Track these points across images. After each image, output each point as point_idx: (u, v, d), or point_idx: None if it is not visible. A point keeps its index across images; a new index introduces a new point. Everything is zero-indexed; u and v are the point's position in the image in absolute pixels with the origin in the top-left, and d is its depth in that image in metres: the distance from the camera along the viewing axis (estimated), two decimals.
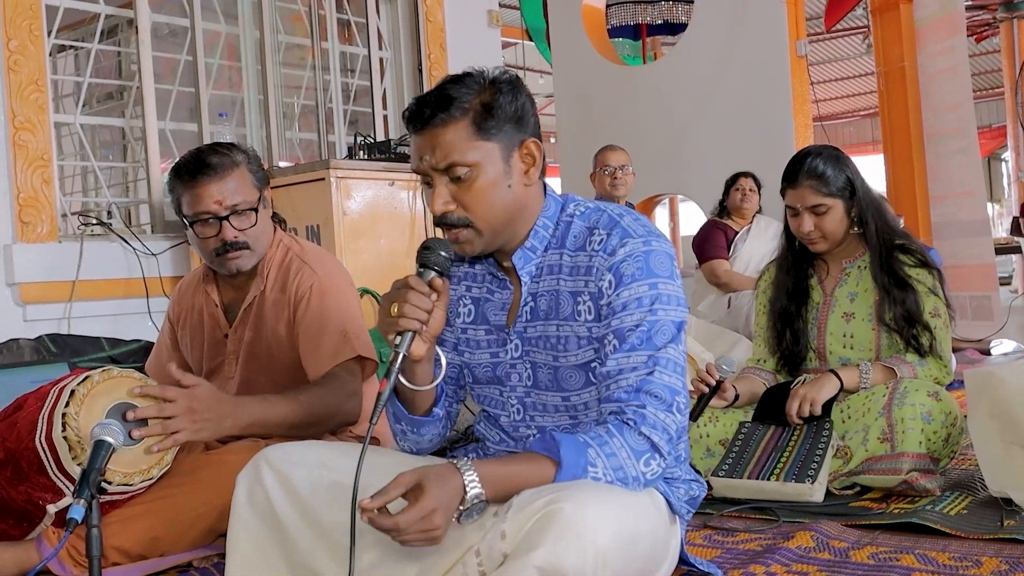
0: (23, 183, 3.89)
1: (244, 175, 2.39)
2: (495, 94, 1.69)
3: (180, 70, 4.78)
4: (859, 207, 2.69)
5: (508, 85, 1.72)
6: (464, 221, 1.70)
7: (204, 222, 2.37)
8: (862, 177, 2.74)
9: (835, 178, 2.67)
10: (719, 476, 2.53)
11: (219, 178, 2.35)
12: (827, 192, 2.67)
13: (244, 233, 2.38)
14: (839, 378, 2.60)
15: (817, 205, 2.68)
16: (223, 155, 2.37)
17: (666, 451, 1.64)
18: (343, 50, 5.55)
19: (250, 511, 1.75)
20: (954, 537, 2.08)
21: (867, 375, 2.61)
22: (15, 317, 3.85)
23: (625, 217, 1.75)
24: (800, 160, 2.72)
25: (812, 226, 2.70)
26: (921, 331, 2.63)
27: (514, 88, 1.72)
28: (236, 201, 2.36)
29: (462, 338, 1.88)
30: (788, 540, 2.09)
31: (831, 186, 2.67)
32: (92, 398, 2.00)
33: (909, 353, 2.63)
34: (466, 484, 1.48)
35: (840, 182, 2.68)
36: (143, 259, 4.11)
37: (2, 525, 2.09)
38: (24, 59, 3.91)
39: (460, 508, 1.48)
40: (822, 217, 2.69)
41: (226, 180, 2.36)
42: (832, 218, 2.69)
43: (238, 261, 2.41)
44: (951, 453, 2.53)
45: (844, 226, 2.72)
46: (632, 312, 1.67)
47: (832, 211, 2.69)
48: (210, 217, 2.35)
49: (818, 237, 2.72)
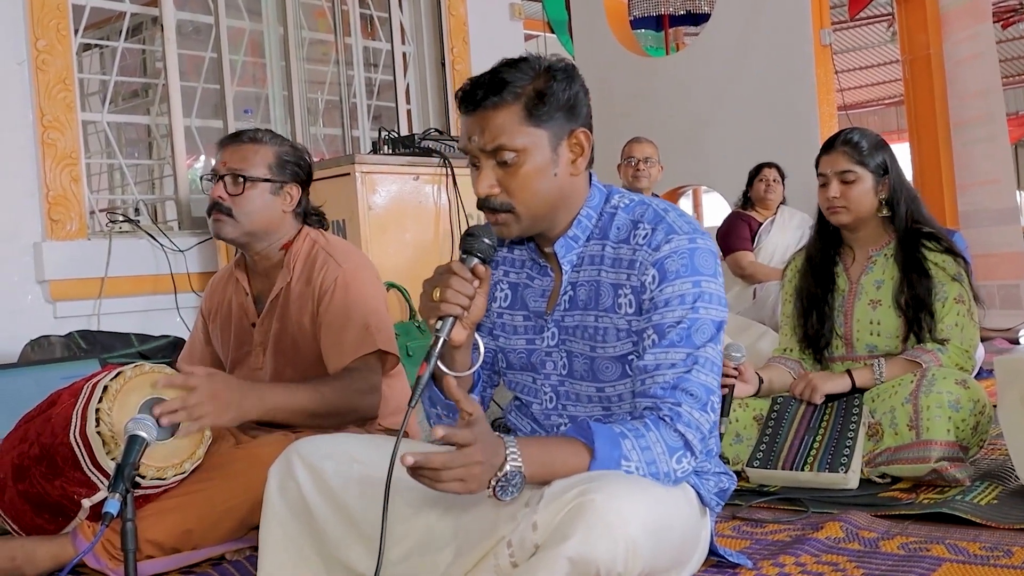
0: (52, 181, 3.93)
1: (261, 152, 2.47)
2: (549, 81, 1.69)
3: (205, 67, 4.81)
4: (890, 189, 2.69)
5: (563, 73, 1.71)
6: (506, 206, 1.70)
7: (209, 178, 2.51)
8: (900, 166, 2.75)
9: (870, 152, 2.69)
10: (754, 466, 2.55)
11: (238, 144, 2.49)
12: (858, 160, 2.69)
13: (232, 200, 2.44)
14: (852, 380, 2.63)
15: (847, 171, 2.70)
16: (255, 132, 2.52)
17: (699, 449, 1.65)
18: (366, 45, 5.56)
19: (282, 504, 1.76)
20: (985, 527, 2.07)
21: (880, 372, 2.61)
22: (45, 314, 3.89)
23: (671, 212, 1.75)
24: (841, 132, 2.77)
25: (838, 192, 2.71)
26: (926, 317, 2.63)
27: (569, 77, 1.72)
28: (236, 166, 2.45)
29: (497, 323, 1.89)
30: (817, 531, 2.08)
31: (864, 157, 2.69)
32: (125, 394, 2.03)
33: (930, 343, 2.62)
34: (508, 455, 1.49)
35: (875, 158, 2.69)
36: (171, 255, 4.14)
37: (38, 520, 2.12)
38: (52, 58, 3.95)
39: (498, 475, 1.48)
40: (849, 186, 2.70)
41: (241, 149, 2.47)
42: (859, 189, 2.70)
43: (218, 225, 2.48)
44: (980, 442, 2.52)
45: (870, 202, 2.71)
46: (674, 309, 1.67)
47: (860, 182, 2.69)
48: (213, 176, 2.49)
49: (841, 206, 2.72)
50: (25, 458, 2.10)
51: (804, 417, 2.61)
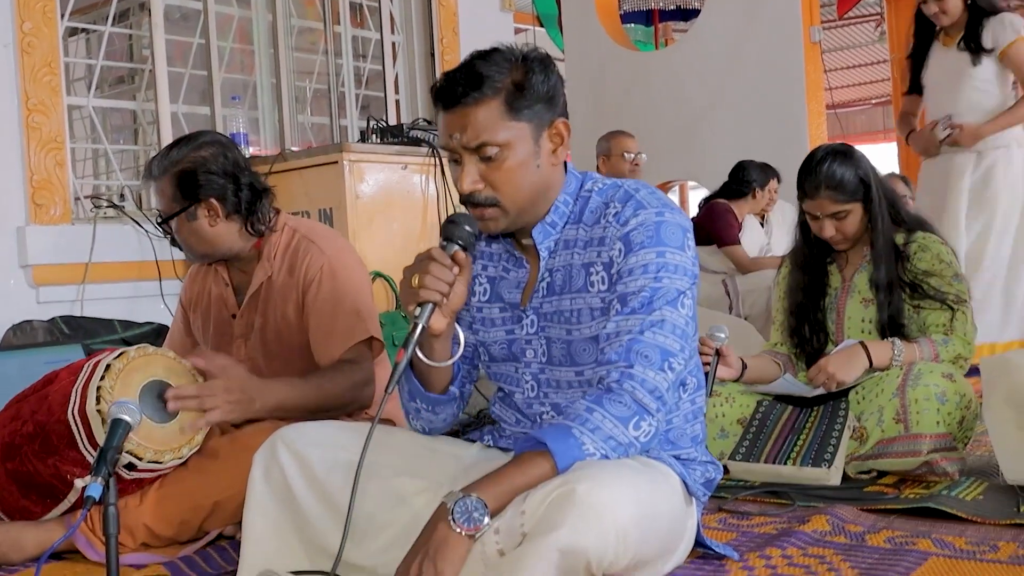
0: (36, 165, 3.88)
1: (164, 188, 2.42)
2: (527, 73, 1.68)
3: (192, 53, 4.77)
4: (871, 208, 2.68)
5: (539, 64, 1.70)
6: (492, 200, 1.69)
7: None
8: (873, 170, 2.73)
9: (851, 182, 2.67)
10: (736, 460, 2.54)
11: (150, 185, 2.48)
12: (845, 199, 2.67)
13: (183, 240, 2.45)
14: (869, 357, 2.57)
15: (837, 212, 2.69)
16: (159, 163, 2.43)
17: (654, 408, 1.61)
18: (355, 34, 5.53)
19: (266, 489, 1.76)
20: (970, 522, 2.07)
21: (899, 357, 2.57)
22: (28, 299, 3.85)
23: (641, 191, 1.74)
24: (815, 168, 2.69)
25: (834, 231, 2.71)
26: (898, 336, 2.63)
27: (545, 67, 1.71)
28: (159, 207, 2.45)
29: (477, 316, 1.88)
30: (804, 524, 2.08)
31: (849, 192, 2.66)
32: (127, 373, 2.02)
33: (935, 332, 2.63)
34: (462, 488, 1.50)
35: (856, 184, 2.67)
36: (156, 242, 4.10)
37: (25, 501, 2.10)
38: (38, 41, 3.90)
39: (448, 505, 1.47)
40: (843, 221, 2.70)
41: (153, 189, 2.47)
42: (852, 221, 2.70)
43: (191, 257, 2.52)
44: (965, 438, 2.52)
45: (863, 223, 2.72)
46: (637, 278, 1.67)
47: (852, 215, 2.69)
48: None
49: (841, 240, 2.73)
50: (17, 436, 2.07)
51: (789, 419, 2.61)
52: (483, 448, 1.89)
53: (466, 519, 1.46)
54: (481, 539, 1.47)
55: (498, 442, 1.89)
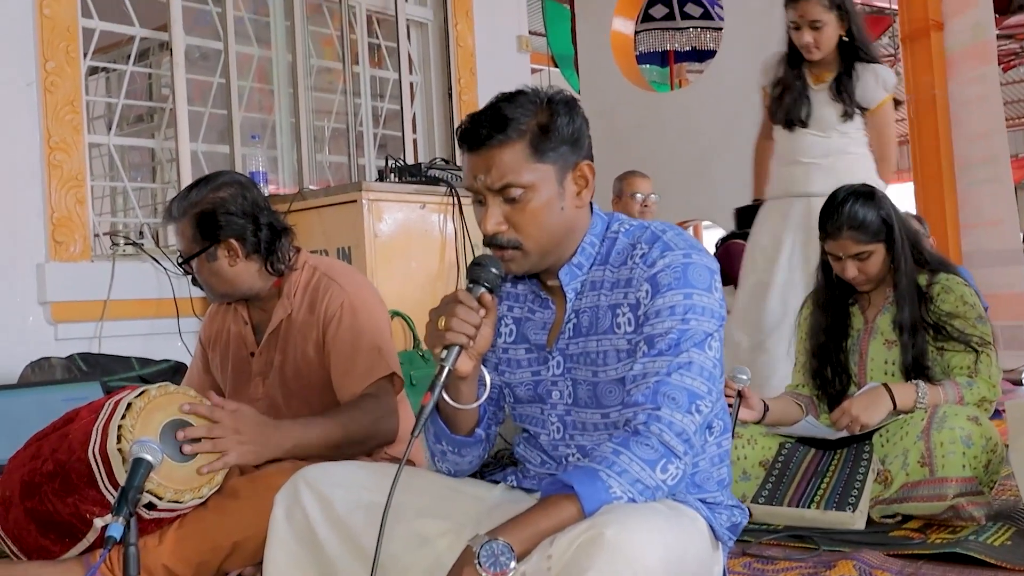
0: (57, 203, 3.91)
1: (183, 230, 2.44)
2: (552, 115, 1.67)
3: (212, 92, 4.81)
4: (893, 249, 2.68)
5: (565, 106, 1.70)
6: (514, 243, 1.68)
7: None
8: (896, 213, 2.73)
9: (874, 223, 2.67)
10: (759, 503, 2.51)
11: (171, 226, 2.51)
12: (868, 240, 2.67)
13: (203, 280, 2.47)
14: (892, 399, 2.55)
15: (860, 253, 2.68)
16: (178, 204, 2.45)
17: (682, 451, 1.59)
18: (374, 74, 5.58)
19: (288, 531, 1.74)
20: (999, 568, 2.04)
21: (924, 399, 2.56)
22: (47, 335, 3.86)
23: (668, 232, 1.73)
24: (837, 209, 2.69)
25: (856, 271, 2.70)
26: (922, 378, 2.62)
27: (571, 109, 1.70)
28: (179, 248, 2.48)
29: (503, 358, 1.87)
30: (829, 569, 2.05)
31: (871, 233, 2.66)
32: (148, 412, 2.01)
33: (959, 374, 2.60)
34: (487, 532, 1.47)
35: (878, 225, 2.67)
36: (174, 279, 4.11)
37: (43, 540, 2.08)
38: (60, 80, 3.94)
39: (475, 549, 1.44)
40: (865, 262, 2.69)
41: (174, 230, 2.49)
42: (875, 262, 2.69)
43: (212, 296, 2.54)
44: (991, 482, 2.49)
45: (885, 264, 2.71)
46: (664, 320, 1.65)
47: (874, 255, 2.69)
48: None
49: (863, 280, 2.72)
50: (37, 475, 2.06)
51: (812, 461, 2.58)
52: (507, 489, 1.87)
53: (492, 563, 1.43)
54: None
55: (522, 483, 1.87)
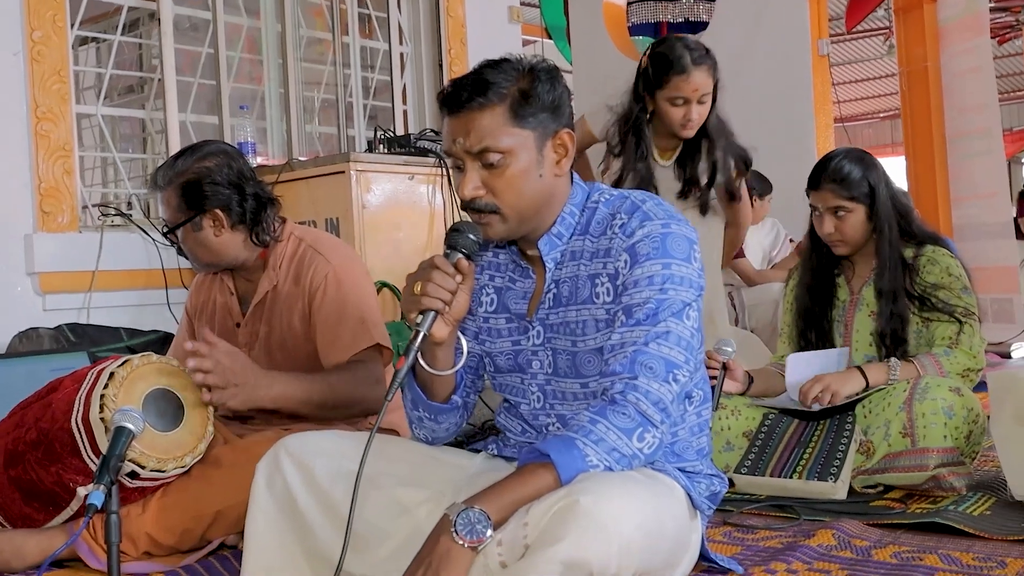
0: (44, 173, 3.90)
1: (169, 199, 2.43)
2: (533, 81, 1.69)
3: (201, 63, 4.79)
4: (877, 215, 2.68)
5: (546, 74, 1.71)
6: (492, 207, 1.69)
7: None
8: (887, 182, 2.73)
9: (857, 182, 2.67)
10: (742, 473, 2.53)
11: (156, 194, 2.48)
12: (847, 196, 2.67)
13: (188, 250, 2.46)
14: (865, 377, 2.58)
15: (837, 207, 2.69)
16: (164, 173, 2.44)
17: (659, 420, 1.60)
18: (363, 45, 5.55)
19: (269, 499, 1.75)
20: (978, 538, 2.05)
21: (895, 372, 2.57)
22: (35, 306, 3.86)
23: (648, 202, 1.74)
24: (825, 162, 2.73)
25: (833, 228, 2.71)
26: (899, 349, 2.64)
27: (552, 77, 1.71)
28: (164, 217, 2.46)
29: (483, 327, 1.87)
30: (809, 538, 2.07)
31: (852, 190, 2.67)
32: (131, 382, 2.01)
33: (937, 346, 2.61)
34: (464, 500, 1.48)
35: (863, 187, 2.67)
36: (162, 250, 4.10)
37: (27, 508, 2.09)
38: (47, 50, 3.92)
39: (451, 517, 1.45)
40: (842, 220, 2.70)
41: (160, 199, 2.47)
42: (852, 222, 2.69)
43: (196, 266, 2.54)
44: (973, 453, 2.50)
45: (865, 230, 2.71)
46: (642, 290, 1.66)
47: (852, 215, 2.69)
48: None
49: (838, 240, 2.73)
50: (20, 443, 2.07)
51: (796, 432, 2.59)
52: (487, 458, 1.88)
53: (469, 531, 1.44)
54: (484, 551, 1.45)
55: (503, 451, 1.88)
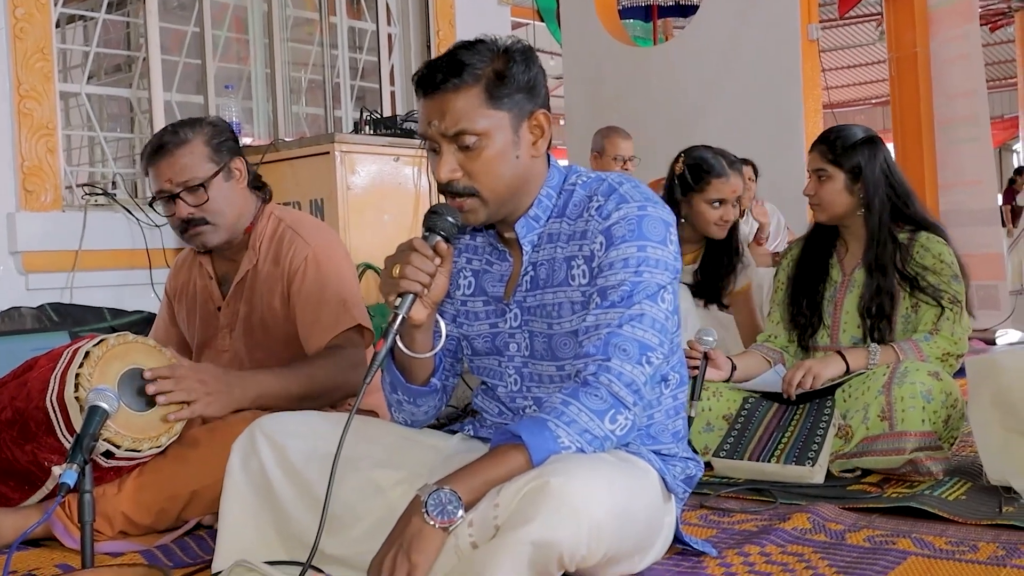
0: (27, 152, 3.87)
1: (196, 150, 2.37)
2: (508, 62, 1.68)
3: (187, 42, 4.76)
4: (865, 191, 2.68)
5: (521, 54, 1.70)
6: (470, 190, 1.68)
7: (163, 201, 2.41)
8: (887, 163, 2.72)
9: (845, 151, 2.70)
10: (720, 457, 2.54)
11: (169, 155, 2.35)
12: (831, 160, 2.71)
13: (200, 209, 2.36)
14: (846, 361, 2.58)
15: (820, 169, 2.73)
16: (174, 133, 2.37)
17: (631, 402, 1.61)
18: (351, 25, 5.52)
19: (244, 480, 1.75)
20: (951, 522, 2.06)
21: (875, 357, 2.58)
22: (18, 285, 3.84)
23: (624, 184, 1.73)
24: (831, 129, 2.79)
25: (813, 190, 2.75)
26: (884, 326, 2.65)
27: (527, 58, 1.71)
28: (185, 178, 2.35)
29: (461, 310, 1.87)
30: (784, 521, 2.08)
31: (838, 157, 2.70)
32: (106, 361, 2.01)
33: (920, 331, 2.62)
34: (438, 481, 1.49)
35: (851, 158, 2.69)
36: (147, 230, 4.09)
37: (2, 488, 2.09)
38: (30, 27, 3.89)
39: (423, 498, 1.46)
40: (822, 184, 2.73)
41: (176, 157, 2.35)
42: (830, 188, 2.72)
43: (201, 238, 2.40)
44: (951, 437, 2.51)
45: (843, 201, 2.72)
46: (617, 272, 1.66)
47: (831, 181, 2.72)
48: (165, 195, 2.38)
49: (815, 203, 2.76)
50: None
51: (775, 416, 2.60)
52: (463, 439, 1.88)
53: (440, 512, 1.45)
54: (455, 531, 1.46)
55: (479, 432, 1.89)
